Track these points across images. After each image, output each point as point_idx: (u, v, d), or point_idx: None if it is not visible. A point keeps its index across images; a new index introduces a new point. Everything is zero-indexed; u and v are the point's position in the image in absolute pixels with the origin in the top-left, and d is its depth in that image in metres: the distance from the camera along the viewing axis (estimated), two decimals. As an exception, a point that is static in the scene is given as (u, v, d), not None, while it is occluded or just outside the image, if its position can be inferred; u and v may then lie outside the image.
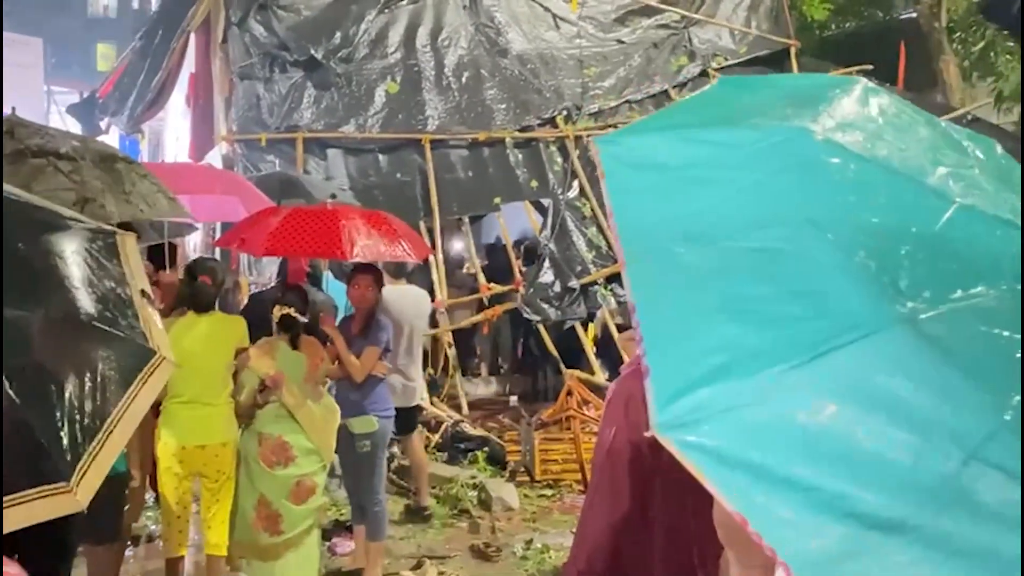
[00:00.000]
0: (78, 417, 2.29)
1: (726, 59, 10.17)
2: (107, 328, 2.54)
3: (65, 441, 2.21)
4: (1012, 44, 10.24)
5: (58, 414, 2.23)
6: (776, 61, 10.27)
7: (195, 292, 4.22)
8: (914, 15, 11.48)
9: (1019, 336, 1.15)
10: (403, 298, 5.46)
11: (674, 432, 1.08)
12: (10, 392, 2.12)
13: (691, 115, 1.51)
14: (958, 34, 10.66)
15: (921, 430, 1.08)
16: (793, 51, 10.22)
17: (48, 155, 3.90)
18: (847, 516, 1.04)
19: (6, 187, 2.63)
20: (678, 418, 1.09)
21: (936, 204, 1.28)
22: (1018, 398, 1.09)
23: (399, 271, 5.65)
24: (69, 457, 2.19)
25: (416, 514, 5.72)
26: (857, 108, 1.44)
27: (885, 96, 1.49)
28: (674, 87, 9.92)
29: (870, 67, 10.14)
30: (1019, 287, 1.20)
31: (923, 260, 1.20)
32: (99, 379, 2.40)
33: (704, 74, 10.04)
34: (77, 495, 2.27)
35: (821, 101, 1.46)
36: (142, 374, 2.58)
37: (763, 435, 1.09)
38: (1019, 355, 1.13)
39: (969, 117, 9.66)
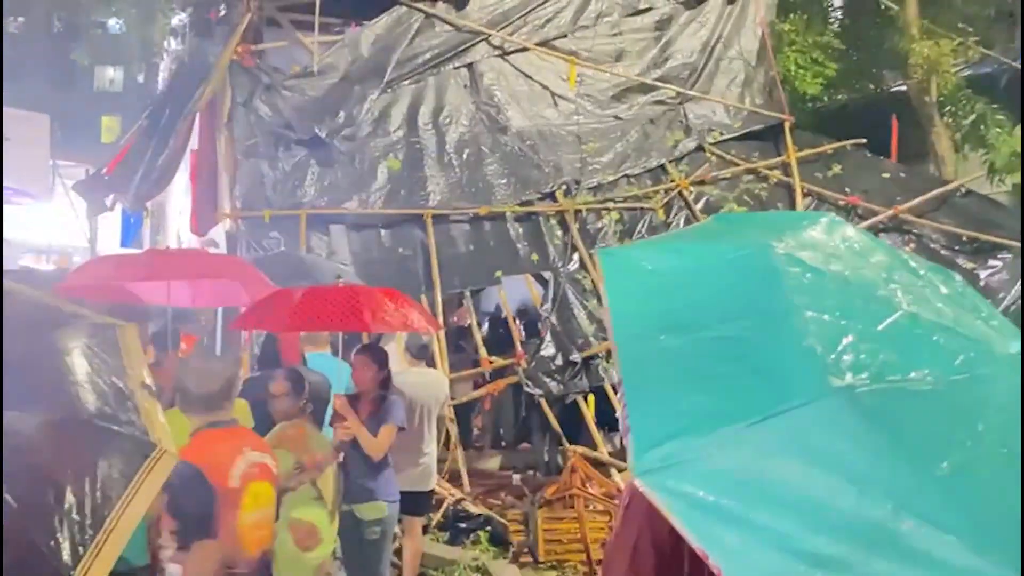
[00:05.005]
0: (77, 519, 2.27)
1: (721, 134, 10.35)
2: (106, 425, 2.54)
3: (63, 544, 2.18)
4: (1002, 117, 10.42)
5: (56, 517, 2.21)
6: (771, 136, 10.45)
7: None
8: (904, 88, 11.72)
9: (946, 414, 1.43)
10: (420, 381, 5.48)
11: (647, 476, 1.33)
12: (8, 497, 2.10)
13: (678, 236, 1.76)
14: (948, 107, 10.86)
15: (856, 482, 1.29)
16: (787, 125, 10.40)
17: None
18: (794, 553, 1.23)
19: (14, 284, 2.66)
20: (651, 465, 1.33)
21: (882, 309, 1.58)
22: (946, 463, 1.34)
23: (420, 353, 5.68)
24: (68, 560, 2.16)
25: None
26: (820, 234, 1.77)
27: (850, 228, 1.82)
28: (670, 161, 10.08)
29: (863, 141, 10.33)
30: (952, 377, 1.47)
31: (866, 349, 1.47)
32: (98, 478, 2.39)
33: (700, 149, 10.21)
34: (77, 602, 2.23)
35: (789, 227, 1.79)
36: (142, 469, 2.57)
37: (720, 480, 1.32)
38: (946, 430, 1.40)
39: (963, 190, 9.79)
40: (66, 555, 2.19)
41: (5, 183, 15.69)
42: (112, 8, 20.03)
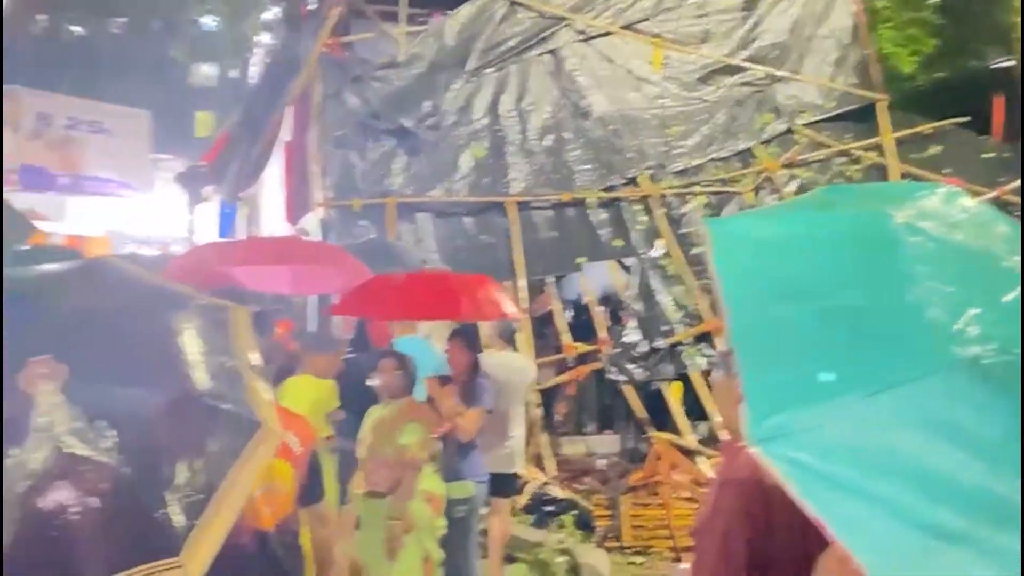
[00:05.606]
0: (188, 493, 2.40)
1: (813, 115, 10.06)
2: (217, 403, 2.66)
3: (176, 517, 2.31)
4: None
5: (169, 490, 2.33)
6: (865, 116, 10.10)
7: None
8: (1010, 63, 11.13)
9: None
10: (508, 364, 5.55)
11: (763, 445, 1.30)
12: (128, 470, 2.23)
13: (788, 206, 1.71)
14: (1057, 82, 10.26)
15: (982, 456, 1.25)
16: (882, 105, 10.03)
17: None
18: (915, 524, 1.21)
19: (131, 267, 2.80)
20: (767, 434, 1.30)
21: (1007, 281, 1.51)
22: None
23: (510, 338, 5.77)
24: (179, 533, 2.28)
25: None
26: (939, 204, 1.69)
27: (968, 199, 1.73)
28: (759, 144, 9.86)
29: (967, 119, 9.87)
30: None
31: (991, 321, 1.41)
32: (208, 454, 2.51)
33: (789, 131, 9.95)
34: (188, 570, 2.35)
35: (905, 197, 1.71)
36: (248, 447, 2.69)
37: (839, 450, 1.29)
38: None
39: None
40: (178, 527, 2.29)
41: (109, 176, 16.47)
42: (206, 6, 20.73)
